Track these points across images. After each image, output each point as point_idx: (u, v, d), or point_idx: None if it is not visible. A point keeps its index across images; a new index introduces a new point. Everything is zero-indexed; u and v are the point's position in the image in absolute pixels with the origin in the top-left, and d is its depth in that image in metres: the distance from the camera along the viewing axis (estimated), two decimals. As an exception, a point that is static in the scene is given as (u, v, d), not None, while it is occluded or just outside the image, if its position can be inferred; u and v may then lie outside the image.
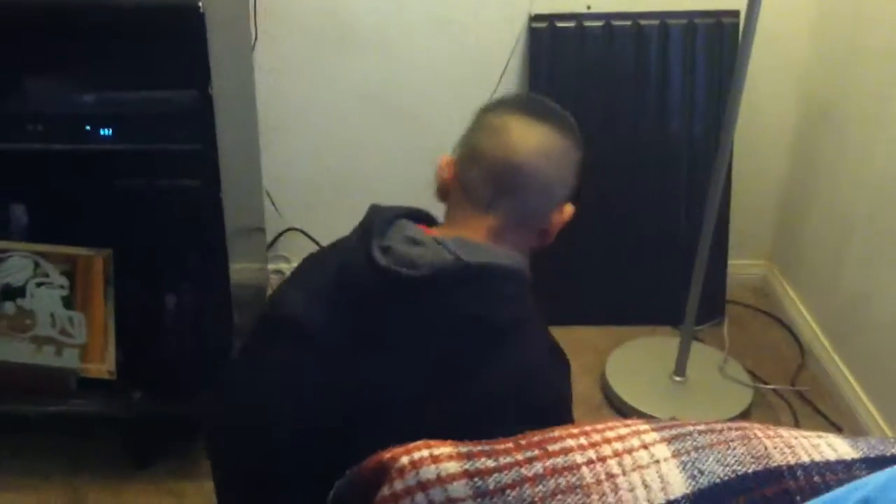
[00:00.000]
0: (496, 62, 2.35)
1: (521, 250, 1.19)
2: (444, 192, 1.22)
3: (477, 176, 1.15)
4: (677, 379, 2.19)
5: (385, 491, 0.99)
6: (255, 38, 2.23)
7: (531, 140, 1.15)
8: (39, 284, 1.86)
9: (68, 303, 1.86)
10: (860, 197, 2.15)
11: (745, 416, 2.13)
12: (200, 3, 1.49)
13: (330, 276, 1.13)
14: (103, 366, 1.87)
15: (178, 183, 1.67)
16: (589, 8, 2.31)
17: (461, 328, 1.06)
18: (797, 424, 2.11)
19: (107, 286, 1.84)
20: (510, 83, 2.37)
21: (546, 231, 1.20)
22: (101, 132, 1.69)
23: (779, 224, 2.59)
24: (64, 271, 1.85)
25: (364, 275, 1.07)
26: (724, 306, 2.49)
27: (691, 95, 2.35)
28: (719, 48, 2.32)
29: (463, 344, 1.06)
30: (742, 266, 2.60)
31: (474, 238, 1.13)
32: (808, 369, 2.31)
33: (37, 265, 1.85)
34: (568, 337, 2.41)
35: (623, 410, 2.14)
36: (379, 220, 1.13)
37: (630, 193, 2.41)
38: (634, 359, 2.30)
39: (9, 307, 1.86)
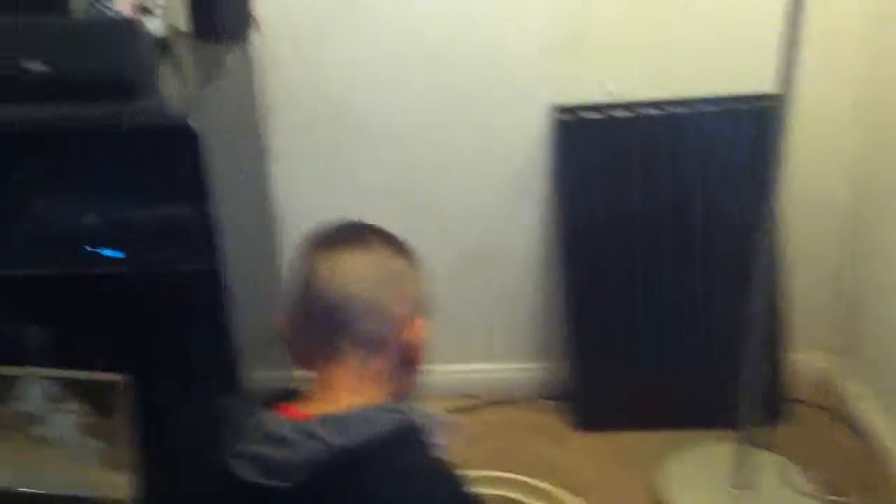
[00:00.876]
0: (519, 156, 2.27)
1: (394, 384, 1.13)
2: (295, 354, 1.16)
3: (307, 328, 1.11)
4: (737, 492, 2.02)
5: None
6: (269, 142, 2.19)
7: (339, 272, 1.10)
8: (56, 411, 1.80)
9: (86, 430, 1.79)
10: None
11: (814, 534, 1.95)
12: (192, 124, 1.43)
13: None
14: (123, 493, 1.79)
15: (186, 301, 1.60)
16: (612, 94, 2.21)
17: None
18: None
19: (125, 410, 1.77)
20: (535, 176, 2.29)
21: (408, 357, 1.14)
22: (106, 253, 1.64)
23: (840, 312, 2.42)
24: (81, 397, 1.78)
25: (236, 495, 0.99)
26: (785, 405, 2.31)
27: (734, 182, 2.22)
28: (757, 132, 2.20)
29: None
30: (800, 360, 2.43)
31: (340, 402, 1.05)
32: (885, 475, 2.11)
33: (54, 391, 1.79)
34: (614, 445, 2.27)
35: (681, 529, 1.99)
36: (236, 421, 1.05)
37: (676, 286, 2.28)
38: (689, 469, 2.14)
39: (25, 435, 1.80)
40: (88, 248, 1.67)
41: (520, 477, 2.02)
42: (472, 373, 2.49)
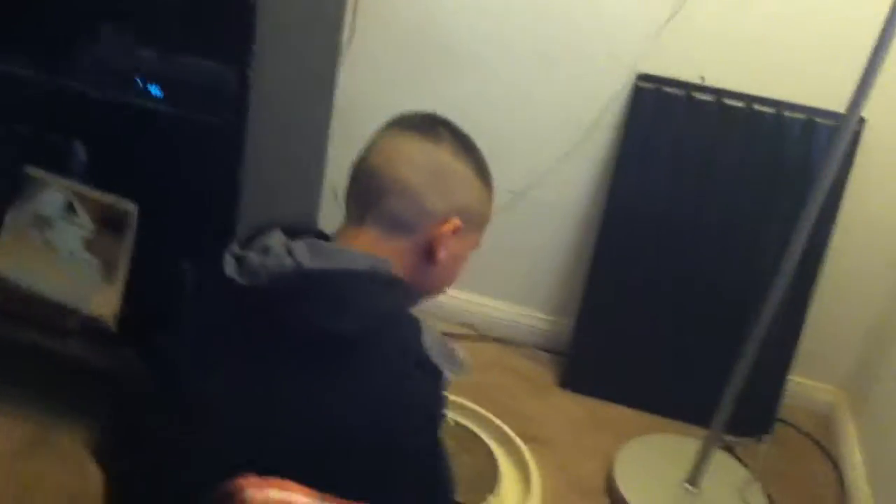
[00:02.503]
0: (593, 111, 2.24)
1: (409, 270, 1.12)
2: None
3: (348, 190, 1.15)
4: (689, 488, 2.01)
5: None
6: (352, 34, 2.21)
7: (394, 148, 1.13)
8: (68, 222, 1.89)
9: (89, 246, 1.88)
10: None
11: (748, 548, 1.94)
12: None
13: (198, 301, 1.11)
14: (105, 314, 1.88)
15: (208, 156, 1.66)
16: (703, 79, 2.16)
17: (302, 343, 0.98)
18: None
19: (127, 239, 1.85)
20: (603, 134, 2.26)
21: (431, 248, 1.13)
22: (149, 89, 1.71)
23: (861, 353, 2.35)
24: (93, 215, 1.87)
25: (214, 289, 1.05)
26: (773, 424, 2.28)
27: (801, 198, 2.15)
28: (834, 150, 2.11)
29: (305, 362, 0.97)
30: (808, 387, 2.39)
31: (341, 244, 1.10)
32: (842, 517, 2.09)
33: (69, 203, 1.88)
34: (591, 411, 2.29)
35: (620, 505, 2.00)
36: (250, 230, 1.09)
37: (703, 279, 2.25)
38: (651, 454, 2.14)
39: (35, 235, 1.90)
40: (138, 81, 1.73)
41: (482, 411, 2.05)
42: (481, 305, 2.51)
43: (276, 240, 1.06)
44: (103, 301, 1.88)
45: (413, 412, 1.01)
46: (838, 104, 2.01)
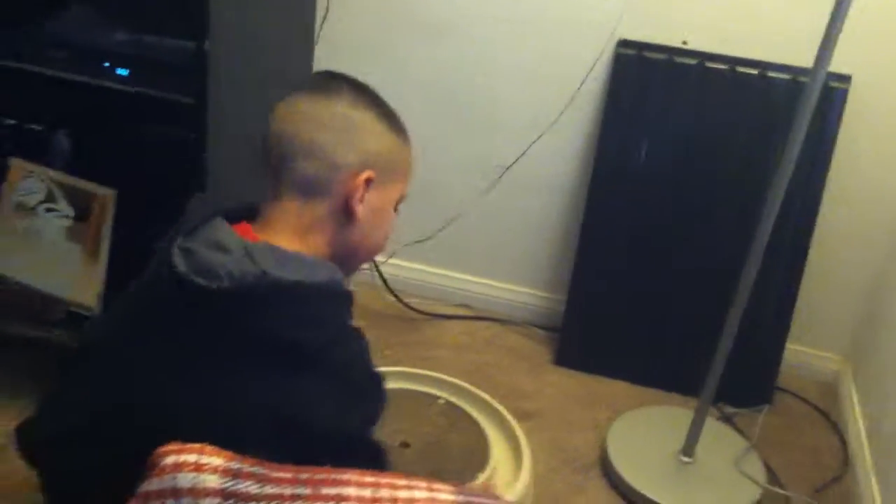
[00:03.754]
0: (574, 79, 2.21)
1: (332, 240, 1.11)
2: None
3: (263, 166, 1.12)
4: (684, 459, 1.98)
5: (144, 485, 0.92)
6: (327, 12, 2.20)
7: (293, 111, 1.11)
8: (49, 210, 1.90)
9: (70, 234, 1.89)
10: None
11: (744, 517, 1.91)
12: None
13: (138, 285, 1.06)
14: (88, 302, 1.88)
15: (176, 134, 1.66)
16: (685, 43, 2.13)
17: (262, 349, 0.98)
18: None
19: (106, 226, 1.85)
20: (586, 103, 2.23)
21: (349, 206, 1.10)
22: (119, 71, 1.71)
23: (861, 319, 2.31)
24: (72, 203, 1.88)
25: (162, 282, 1.00)
26: (773, 393, 2.24)
27: (784, 157, 2.11)
28: (823, 113, 2.07)
29: (264, 367, 0.97)
30: (811, 356, 2.35)
31: (284, 241, 1.07)
32: (844, 485, 2.04)
33: (50, 191, 1.89)
34: (587, 386, 2.26)
35: (613, 479, 1.97)
36: (192, 219, 1.06)
37: (694, 247, 2.21)
38: (646, 427, 2.11)
39: (18, 225, 1.91)
40: (106, 63, 1.74)
41: (472, 388, 2.03)
42: (476, 285, 2.50)
43: (230, 236, 1.03)
44: (86, 288, 1.88)
45: (360, 411, 1.06)
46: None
